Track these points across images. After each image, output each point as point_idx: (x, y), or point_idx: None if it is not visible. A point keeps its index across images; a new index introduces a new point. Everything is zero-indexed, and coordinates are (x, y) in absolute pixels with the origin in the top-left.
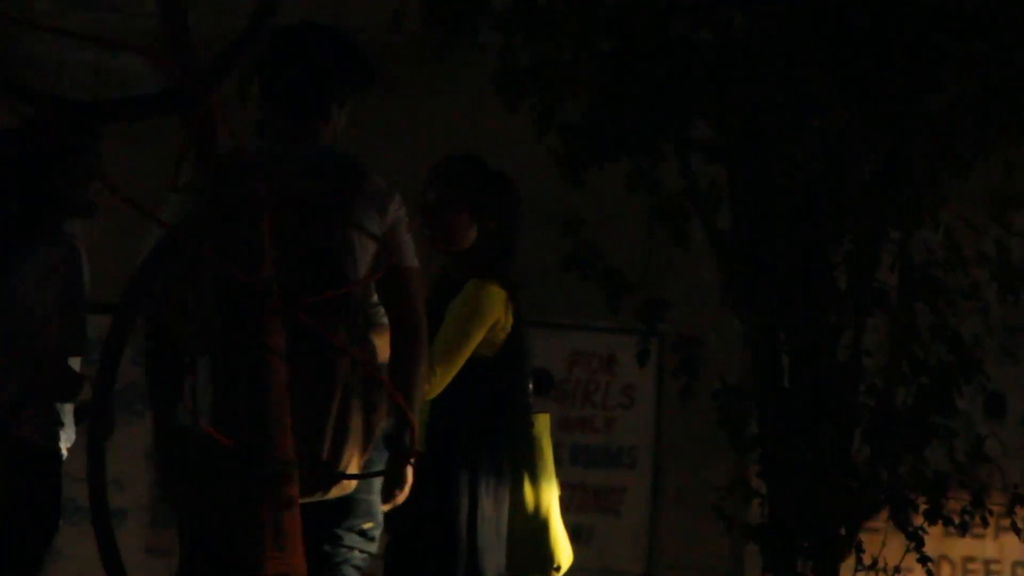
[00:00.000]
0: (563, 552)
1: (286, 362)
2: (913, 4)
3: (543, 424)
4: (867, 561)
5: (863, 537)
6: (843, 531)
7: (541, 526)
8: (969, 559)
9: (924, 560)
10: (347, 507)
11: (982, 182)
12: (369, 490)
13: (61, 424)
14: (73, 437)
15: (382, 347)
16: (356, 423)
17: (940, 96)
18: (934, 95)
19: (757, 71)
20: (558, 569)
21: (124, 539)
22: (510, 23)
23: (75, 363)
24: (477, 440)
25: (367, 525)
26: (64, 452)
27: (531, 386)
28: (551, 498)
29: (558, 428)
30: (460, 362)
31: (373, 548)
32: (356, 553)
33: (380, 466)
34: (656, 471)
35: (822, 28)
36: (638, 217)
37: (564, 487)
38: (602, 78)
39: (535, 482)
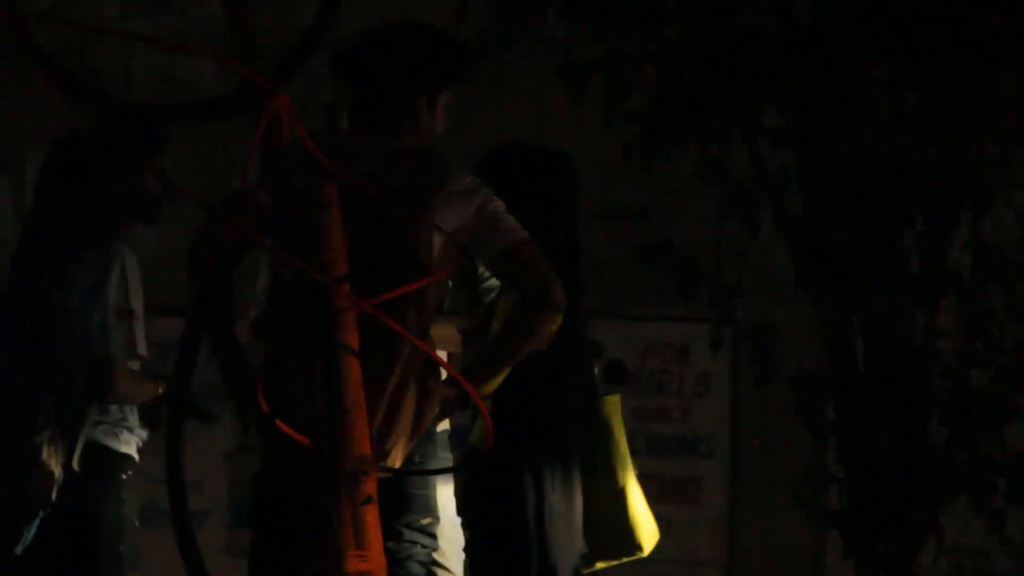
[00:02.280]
0: (646, 533)
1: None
2: None
3: (613, 406)
4: (949, 544)
5: (944, 520)
6: (923, 515)
7: (620, 509)
8: None
9: (1006, 542)
10: (404, 503)
11: None
12: (424, 485)
13: (129, 427)
14: (144, 438)
15: (443, 338)
16: (408, 407)
17: (1010, 75)
18: (1004, 74)
19: (824, 55)
20: (641, 550)
21: (204, 541)
22: (574, 14)
23: (135, 365)
24: (538, 433)
25: (425, 520)
26: (135, 454)
27: (596, 371)
28: (628, 479)
29: (633, 419)
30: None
31: (435, 544)
32: (419, 548)
33: (436, 463)
34: (733, 460)
35: (888, 9)
36: (708, 206)
37: (641, 478)
38: (668, 67)
39: (608, 465)
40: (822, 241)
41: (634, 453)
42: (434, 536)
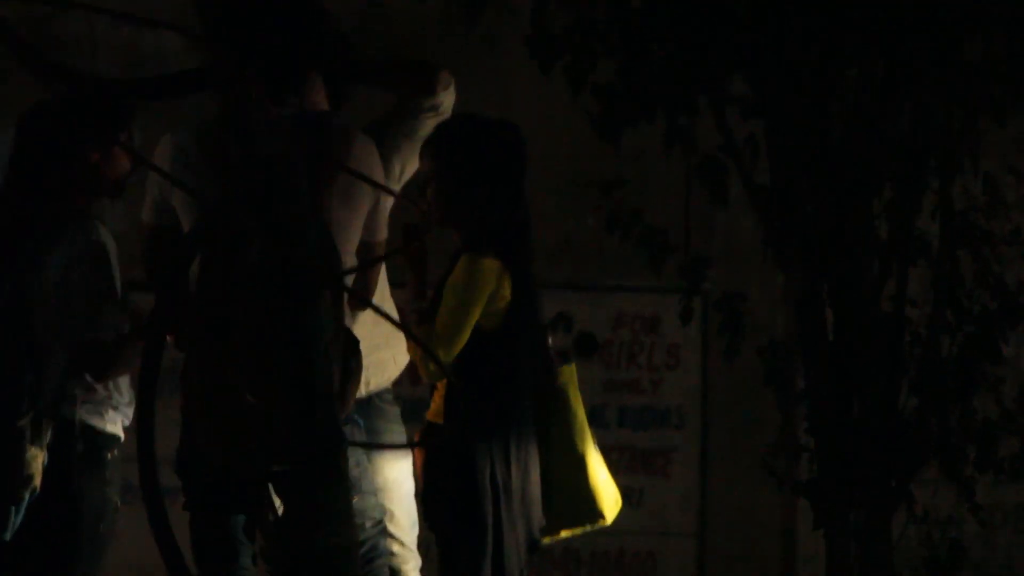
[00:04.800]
0: (607, 501)
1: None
2: None
3: (568, 375)
4: (919, 512)
5: (914, 489)
6: (894, 483)
7: (581, 477)
8: (1021, 506)
9: (976, 509)
10: None
11: (1021, 127)
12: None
13: (115, 406)
14: (130, 416)
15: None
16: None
17: (976, 42)
18: (970, 42)
19: (790, 24)
20: (603, 517)
21: (177, 518)
22: None
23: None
24: (491, 413)
25: (353, 500)
26: (120, 433)
27: (551, 340)
28: (587, 448)
29: (603, 390)
30: (460, 340)
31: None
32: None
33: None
34: (704, 430)
35: None
36: (677, 176)
37: (612, 449)
38: (634, 37)
39: (566, 435)
40: (790, 210)
41: (604, 425)
42: (360, 512)
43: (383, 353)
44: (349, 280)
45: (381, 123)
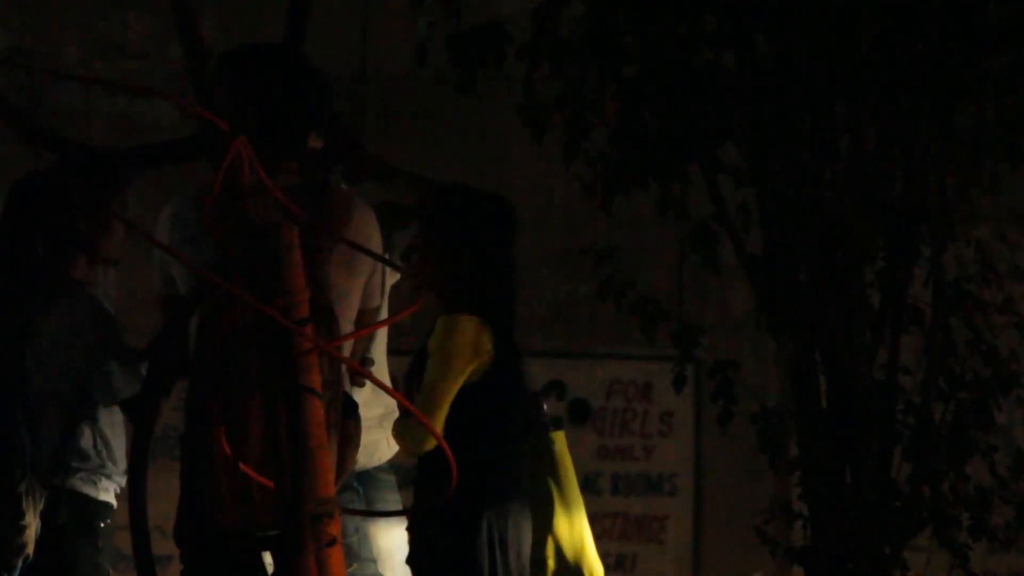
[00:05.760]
0: (596, 567)
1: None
2: (937, 22)
3: (562, 442)
4: None
5: (908, 556)
6: (887, 550)
7: (572, 541)
8: (1016, 574)
9: None
10: None
11: (1013, 197)
12: (348, 532)
13: (108, 474)
14: (123, 484)
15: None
16: (332, 450)
17: (968, 112)
18: (962, 111)
19: (782, 92)
20: None
21: None
22: (534, 53)
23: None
24: (487, 473)
25: (351, 567)
26: (113, 501)
27: (544, 406)
28: (582, 516)
29: (596, 457)
30: (445, 404)
31: None
32: None
33: (383, 505)
34: (697, 497)
35: (846, 48)
36: (670, 244)
37: (605, 516)
38: (627, 105)
39: (555, 499)
40: (783, 278)
41: (598, 491)
42: None
43: (376, 434)
44: (347, 348)
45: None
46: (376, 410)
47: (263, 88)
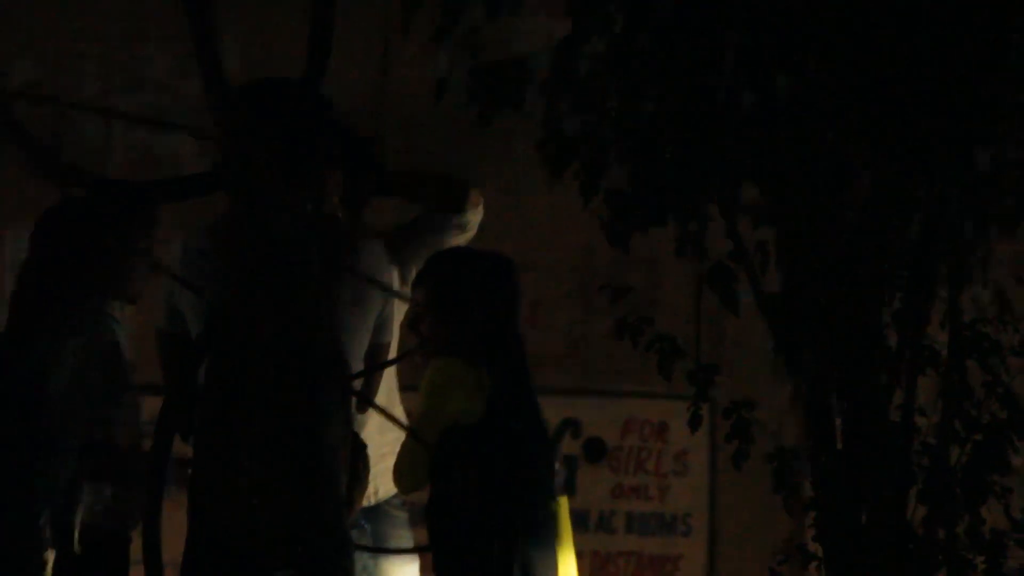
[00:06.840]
0: None
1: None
2: (958, 61)
3: (565, 508)
4: None
5: None
6: None
7: None
8: None
9: None
10: None
11: None
12: (363, 569)
13: (127, 507)
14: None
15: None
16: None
17: (987, 152)
18: (981, 151)
19: (801, 131)
20: None
21: None
22: (553, 91)
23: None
24: (506, 512)
25: None
26: (129, 535)
27: (557, 467)
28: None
29: (611, 496)
30: (425, 441)
31: None
32: None
33: (396, 543)
34: (712, 538)
35: (866, 86)
36: (687, 282)
37: (619, 556)
38: (645, 143)
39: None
40: (800, 318)
41: (612, 531)
42: None
43: (390, 461)
44: (357, 384)
45: (405, 233)
46: (389, 436)
47: (277, 124)
